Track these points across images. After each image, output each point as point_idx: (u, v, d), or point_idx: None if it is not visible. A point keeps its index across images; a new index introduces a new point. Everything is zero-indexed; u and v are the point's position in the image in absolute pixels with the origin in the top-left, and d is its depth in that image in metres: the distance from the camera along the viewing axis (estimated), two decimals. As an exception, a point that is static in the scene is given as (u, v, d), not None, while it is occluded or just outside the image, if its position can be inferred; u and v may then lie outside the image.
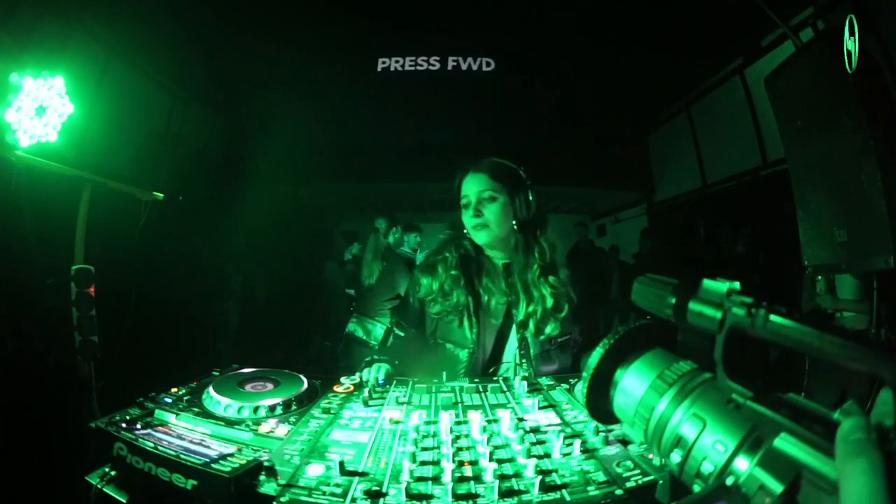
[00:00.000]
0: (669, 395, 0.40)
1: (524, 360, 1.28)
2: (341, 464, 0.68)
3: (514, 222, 1.30)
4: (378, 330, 3.25)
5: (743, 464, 0.33)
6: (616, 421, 0.47)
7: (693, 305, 0.39)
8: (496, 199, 1.29)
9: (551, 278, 1.30)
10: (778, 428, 0.33)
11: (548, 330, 1.27)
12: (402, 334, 1.41)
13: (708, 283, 0.38)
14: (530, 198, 1.33)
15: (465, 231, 1.35)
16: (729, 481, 0.33)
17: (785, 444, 0.32)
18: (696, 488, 0.36)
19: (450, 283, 1.30)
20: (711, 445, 0.35)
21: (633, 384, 0.43)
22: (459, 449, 0.75)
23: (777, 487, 0.30)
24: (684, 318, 0.40)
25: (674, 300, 0.40)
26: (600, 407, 0.46)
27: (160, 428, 0.81)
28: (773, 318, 0.33)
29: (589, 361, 0.45)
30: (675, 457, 0.38)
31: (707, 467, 0.35)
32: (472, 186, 1.31)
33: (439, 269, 1.32)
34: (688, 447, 0.37)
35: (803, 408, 0.34)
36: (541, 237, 1.33)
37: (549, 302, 1.27)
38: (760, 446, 0.33)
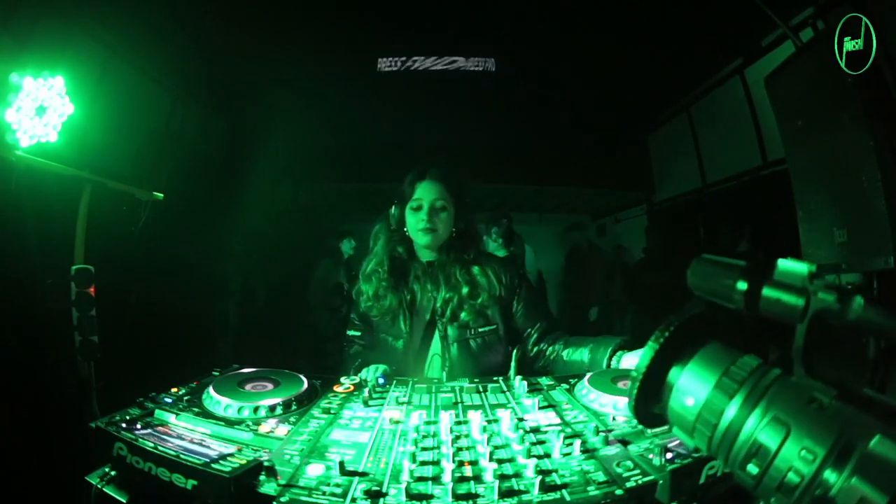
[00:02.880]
0: (740, 396, 0.35)
1: (444, 349, 1.38)
2: (341, 464, 0.68)
3: (453, 229, 1.44)
4: None
5: (836, 473, 0.29)
6: (662, 423, 0.42)
7: (768, 291, 0.34)
8: (446, 209, 1.41)
9: (474, 268, 1.42)
10: (870, 430, 0.29)
11: (462, 316, 1.38)
12: (357, 333, 1.53)
13: (784, 264, 0.34)
14: (469, 210, 1.47)
15: (403, 229, 1.45)
16: (817, 493, 0.30)
17: (883, 448, 0.28)
18: (775, 502, 0.32)
19: (382, 290, 1.42)
20: (798, 454, 0.31)
21: (693, 385, 0.38)
22: (459, 449, 0.75)
23: (881, 499, 0.27)
24: (756, 305, 0.35)
25: (745, 286, 0.35)
26: (648, 411, 0.41)
27: (160, 428, 0.81)
28: (868, 306, 0.29)
29: (639, 363, 0.40)
30: (752, 468, 0.33)
31: (793, 478, 0.30)
32: (428, 193, 1.41)
33: (374, 280, 1.45)
34: (769, 457, 0.32)
35: (891, 406, 0.30)
36: (470, 240, 1.47)
37: (465, 289, 1.38)
38: (853, 452, 0.29)
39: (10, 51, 2.24)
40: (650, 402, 0.41)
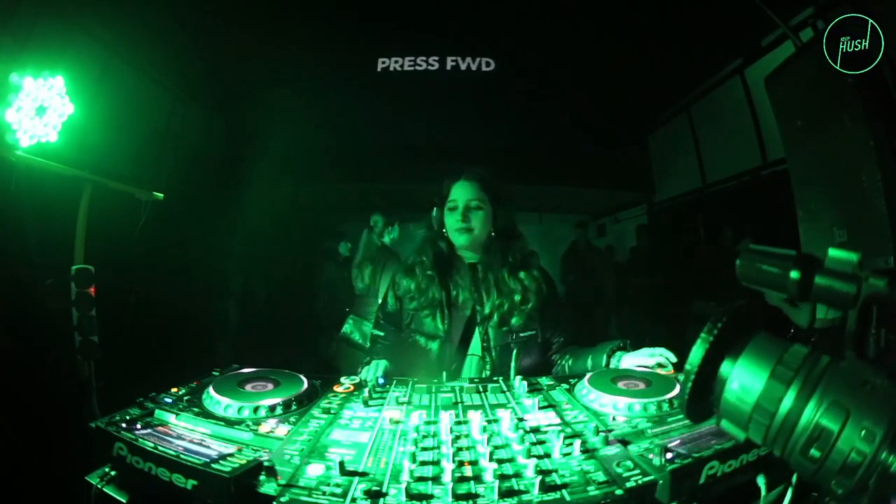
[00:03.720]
0: (797, 384, 0.36)
1: (485, 352, 1.37)
2: (341, 464, 0.68)
3: (492, 229, 1.44)
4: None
5: (894, 453, 0.31)
6: (709, 417, 0.43)
7: (820, 280, 0.36)
8: (482, 209, 1.42)
9: (522, 274, 1.42)
10: None
11: (513, 321, 1.38)
12: (381, 333, 1.52)
13: (835, 252, 0.36)
14: (508, 210, 1.48)
15: (443, 230, 1.47)
16: (878, 470, 0.31)
17: None
18: (835, 486, 0.34)
19: (426, 283, 1.42)
20: (859, 435, 0.32)
21: (747, 377, 0.39)
22: (459, 449, 0.75)
23: None
24: (808, 294, 0.36)
25: (798, 275, 0.36)
26: (698, 406, 0.42)
27: (160, 428, 0.81)
28: None
29: (690, 359, 0.41)
30: (815, 452, 0.34)
31: (855, 458, 0.32)
32: (462, 193, 1.42)
33: (417, 272, 1.45)
34: (831, 440, 0.33)
35: None
36: (514, 242, 1.47)
37: (517, 296, 1.38)
38: None
39: (10, 51, 2.24)
40: (700, 397, 0.41)
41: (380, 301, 1.61)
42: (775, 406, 0.36)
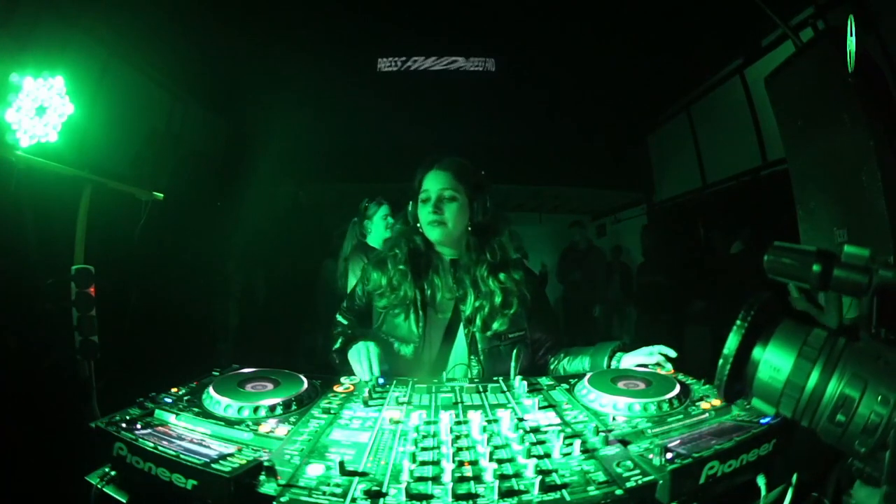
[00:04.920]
0: (821, 361, 0.42)
1: (473, 357, 1.29)
2: (341, 464, 0.68)
3: (468, 223, 1.34)
4: None
5: None
6: (740, 397, 0.49)
7: (838, 272, 0.42)
8: (456, 200, 1.31)
9: (501, 275, 1.32)
10: None
11: (495, 326, 1.29)
12: (345, 322, 1.43)
13: (850, 248, 0.42)
14: (488, 203, 1.35)
15: (417, 225, 1.35)
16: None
17: None
18: (858, 445, 0.40)
19: (398, 278, 1.31)
20: (877, 400, 0.39)
21: (777, 359, 0.45)
22: (459, 449, 0.75)
23: None
24: (828, 284, 0.42)
25: (819, 268, 0.42)
26: (733, 389, 0.48)
27: (160, 428, 0.81)
28: None
29: (727, 347, 0.46)
30: (840, 417, 0.41)
31: (875, 420, 0.39)
32: (435, 183, 1.32)
33: (389, 265, 1.34)
34: (853, 406, 0.40)
35: None
36: (493, 239, 1.36)
37: (497, 298, 1.29)
38: None
39: (10, 51, 2.24)
40: (735, 380, 0.47)
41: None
42: (804, 381, 0.43)
